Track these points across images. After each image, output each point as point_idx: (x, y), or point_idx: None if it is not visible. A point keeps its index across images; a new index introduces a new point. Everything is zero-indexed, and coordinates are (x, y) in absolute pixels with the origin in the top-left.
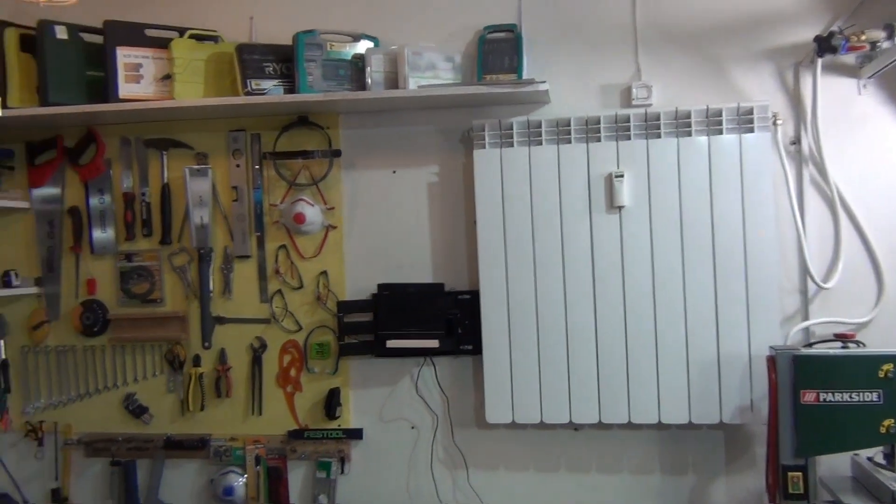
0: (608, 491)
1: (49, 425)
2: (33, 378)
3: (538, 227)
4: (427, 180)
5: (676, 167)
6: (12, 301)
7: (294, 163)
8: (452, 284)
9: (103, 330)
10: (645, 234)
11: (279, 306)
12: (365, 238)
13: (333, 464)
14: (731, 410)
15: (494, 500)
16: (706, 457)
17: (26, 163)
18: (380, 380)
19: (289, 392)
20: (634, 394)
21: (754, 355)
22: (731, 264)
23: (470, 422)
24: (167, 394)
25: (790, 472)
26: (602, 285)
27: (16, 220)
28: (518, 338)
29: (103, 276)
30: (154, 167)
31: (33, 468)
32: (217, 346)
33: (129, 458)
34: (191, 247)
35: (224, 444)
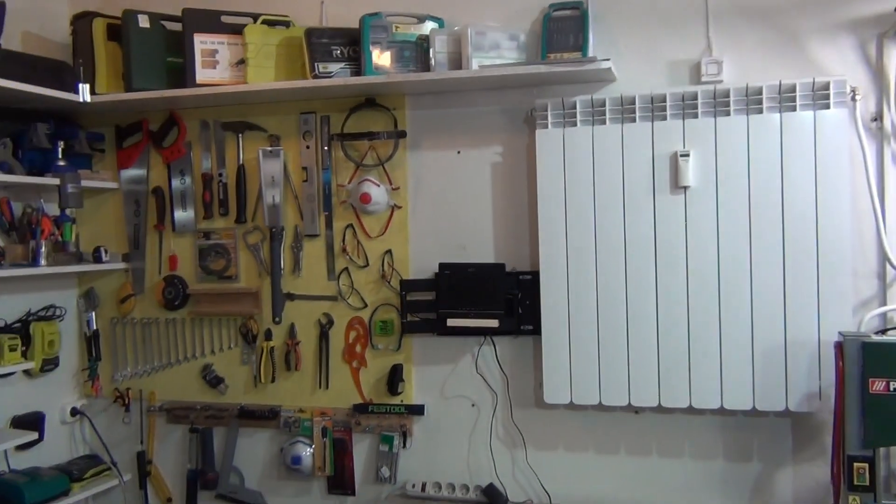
0: (669, 475)
1: (135, 392)
2: (121, 348)
3: (600, 207)
4: (491, 161)
5: (746, 146)
6: (103, 275)
7: (361, 144)
8: (514, 265)
9: (183, 304)
10: (710, 215)
11: (346, 284)
12: (429, 218)
13: (396, 438)
14: (797, 398)
15: (552, 479)
16: (772, 445)
17: (115, 146)
18: (441, 357)
19: (354, 367)
20: (696, 378)
21: (824, 341)
22: (801, 247)
23: (529, 401)
24: (241, 365)
25: (856, 463)
26: (664, 267)
27: (106, 199)
28: (578, 319)
29: (184, 253)
30: (230, 149)
31: (121, 432)
32: (287, 322)
33: (206, 425)
34: (263, 225)
35: (293, 416)
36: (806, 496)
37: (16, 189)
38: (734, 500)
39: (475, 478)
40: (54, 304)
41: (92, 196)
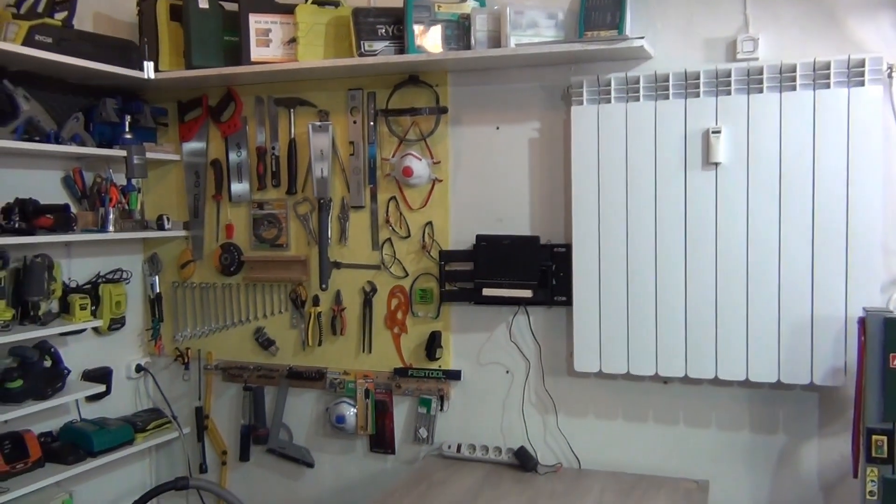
0: (696, 444)
1: (194, 352)
2: (181, 310)
3: (632, 182)
4: (528, 136)
5: (778, 123)
6: (165, 242)
7: (404, 119)
8: (549, 237)
9: (238, 270)
10: (741, 191)
11: (388, 253)
12: (468, 191)
13: (433, 401)
14: (823, 372)
15: (582, 444)
16: (798, 418)
17: (177, 120)
18: (478, 325)
19: (395, 333)
20: (722, 350)
21: (851, 317)
22: (831, 223)
23: (561, 369)
24: (290, 329)
25: (875, 436)
26: (694, 241)
27: (168, 170)
28: (608, 291)
29: (239, 222)
30: (283, 124)
31: (181, 388)
32: (333, 289)
33: (258, 384)
34: (312, 197)
35: (338, 377)
36: (831, 469)
37: (87, 160)
38: (759, 471)
39: (508, 441)
40: (121, 267)
41: (155, 167)
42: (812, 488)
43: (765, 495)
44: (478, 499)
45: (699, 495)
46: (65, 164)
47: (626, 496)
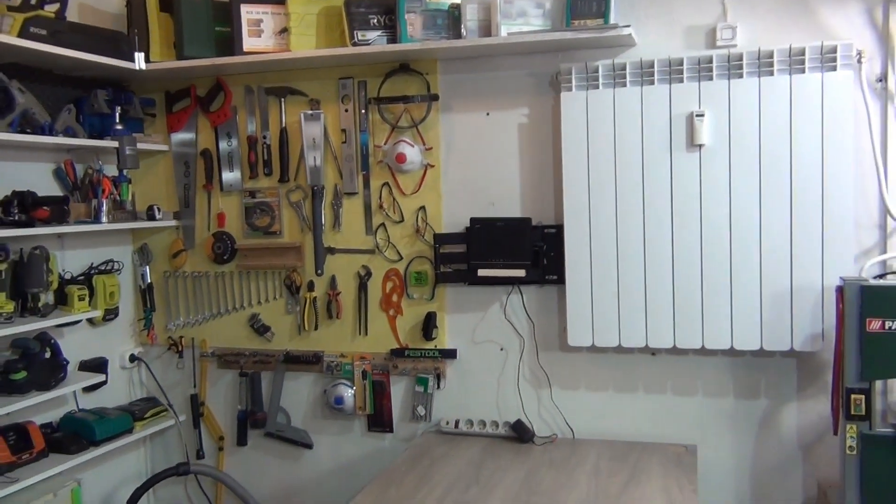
0: (684, 411)
1: (187, 340)
2: (173, 299)
3: (620, 164)
4: (518, 122)
5: (757, 106)
6: (156, 232)
7: (396, 107)
8: (539, 219)
9: (231, 258)
10: (724, 171)
11: (382, 238)
12: (460, 176)
13: (430, 379)
14: (802, 338)
15: (575, 416)
16: (778, 382)
17: (165, 110)
18: (472, 306)
19: (391, 315)
20: (708, 321)
21: (827, 287)
22: (807, 200)
23: (554, 345)
24: (286, 315)
25: (853, 395)
26: (680, 219)
27: (157, 161)
28: (599, 268)
29: (231, 211)
30: (273, 113)
31: (175, 376)
32: (328, 274)
33: (254, 369)
34: (305, 184)
35: (335, 360)
36: (809, 429)
37: (78, 151)
38: (743, 434)
39: (504, 415)
40: (113, 258)
41: (144, 158)
42: (792, 447)
43: (749, 456)
44: (481, 470)
45: (689, 458)
46: (56, 156)
47: (621, 462)
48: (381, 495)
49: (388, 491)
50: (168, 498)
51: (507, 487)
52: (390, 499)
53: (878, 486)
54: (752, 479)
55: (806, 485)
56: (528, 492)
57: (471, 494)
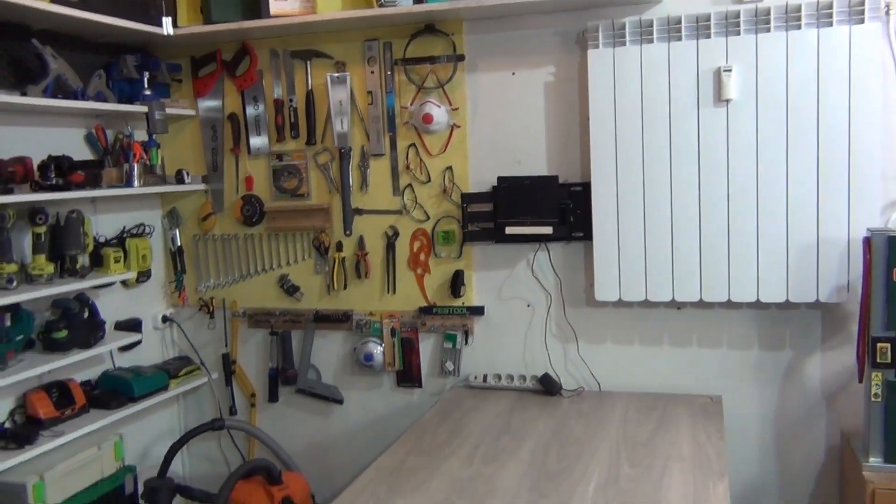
0: (709, 364)
1: (218, 301)
2: (203, 262)
3: (647, 121)
4: (544, 80)
5: (785, 60)
6: (185, 196)
7: (422, 67)
8: (566, 176)
9: (260, 220)
10: (751, 125)
11: (409, 199)
12: (486, 135)
13: (458, 336)
14: (828, 290)
15: (601, 369)
16: (803, 334)
17: (191, 75)
18: (499, 263)
19: (419, 274)
20: (735, 274)
21: (853, 238)
22: (834, 153)
23: (580, 300)
24: (315, 275)
25: (879, 344)
26: (707, 174)
27: (184, 126)
28: (626, 224)
29: (259, 174)
30: (299, 76)
31: (207, 336)
32: (356, 234)
33: (284, 328)
34: (332, 146)
35: (364, 318)
36: (832, 379)
37: (107, 117)
38: (767, 385)
39: (531, 370)
40: (143, 222)
41: (172, 123)
42: (815, 397)
43: (773, 405)
44: (511, 421)
45: (714, 408)
46: (87, 121)
47: (648, 412)
48: (416, 444)
49: (423, 440)
50: (202, 452)
51: (538, 436)
52: (425, 447)
53: None
54: (776, 427)
55: (829, 433)
56: (559, 440)
57: (504, 442)
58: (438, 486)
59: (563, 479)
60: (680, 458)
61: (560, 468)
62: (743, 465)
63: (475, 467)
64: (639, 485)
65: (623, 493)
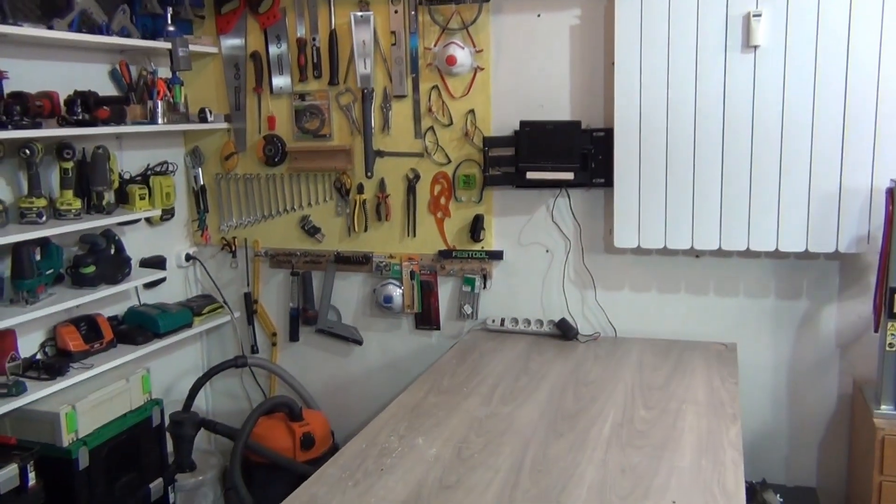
0: (725, 311)
1: (240, 241)
2: (226, 201)
3: (673, 67)
4: (569, 23)
5: (816, 6)
6: (207, 135)
7: (447, 8)
8: (588, 122)
9: (282, 160)
10: (778, 72)
11: (431, 141)
12: (510, 78)
13: (477, 280)
14: (847, 240)
15: (618, 316)
16: (820, 284)
17: (215, 12)
18: (519, 208)
19: (439, 218)
20: (755, 223)
21: (876, 188)
22: (861, 103)
23: (599, 247)
24: (336, 217)
25: None
26: (731, 122)
27: (207, 64)
28: (647, 171)
29: (281, 114)
30: (323, 15)
31: (229, 275)
32: (377, 177)
33: (305, 269)
34: (355, 87)
35: (384, 261)
36: (847, 329)
37: (131, 53)
38: (782, 333)
39: (548, 314)
40: (167, 160)
41: (195, 60)
42: (830, 346)
43: (787, 353)
44: (528, 363)
45: (729, 355)
46: (111, 57)
47: (664, 357)
48: (436, 383)
49: (442, 380)
50: (224, 389)
51: (555, 377)
52: (445, 386)
53: None
54: (789, 375)
55: (841, 381)
56: (575, 382)
57: (522, 383)
58: (458, 424)
59: (579, 419)
60: (694, 401)
61: (576, 409)
62: (755, 410)
63: (493, 407)
64: (653, 426)
65: (638, 433)
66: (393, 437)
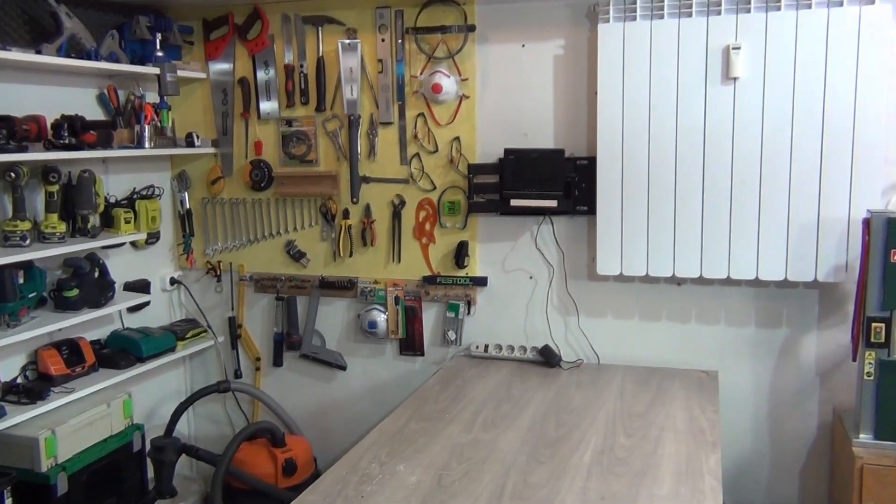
0: (706, 339)
1: (225, 265)
2: (212, 225)
3: (655, 97)
4: (553, 53)
5: (794, 39)
6: (194, 159)
7: (433, 37)
8: (572, 150)
9: (268, 185)
10: (757, 104)
11: (417, 168)
12: (494, 107)
13: (461, 306)
14: (826, 270)
15: (601, 342)
16: (800, 312)
17: (203, 38)
18: (503, 235)
19: (424, 243)
20: (735, 252)
21: (853, 219)
22: (839, 134)
23: (582, 274)
24: (321, 241)
25: (874, 323)
26: (712, 152)
27: (195, 89)
28: (630, 199)
29: (268, 139)
30: (311, 42)
31: (213, 299)
32: (363, 202)
33: (290, 294)
34: (342, 113)
35: (369, 286)
36: (827, 357)
37: (119, 77)
38: (763, 361)
39: (532, 341)
40: (153, 184)
41: (183, 85)
42: (810, 374)
43: (767, 381)
44: (511, 390)
45: (710, 383)
46: (99, 81)
47: (645, 384)
48: (418, 410)
49: (425, 406)
50: (207, 413)
51: (538, 405)
52: (427, 413)
53: (892, 409)
54: (770, 403)
55: (821, 410)
56: (557, 409)
57: (504, 409)
58: (439, 450)
59: (560, 446)
60: (675, 429)
61: (558, 436)
62: (736, 438)
63: (475, 433)
64: (634, 454)
65: (618, 461)
66: (374, 463)
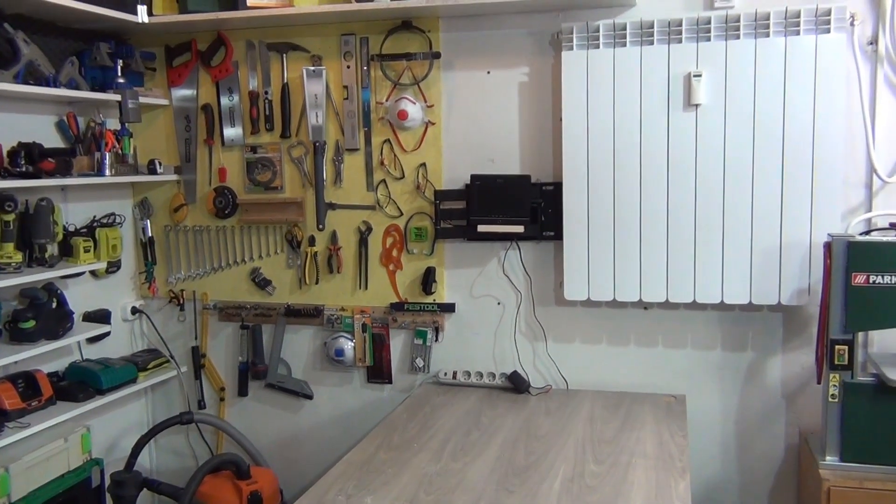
0: (673, 363)
1: (189, 293)
2: (174, 253)
3: (619, 123)
4: (518, 80)
5: (753, 67)
6: (156, 186)
7: (398, 64)
8: (538, 176)
9: (233, 212)
10: (719, 130)
11: (383, 194)
12: (460, 133)
13: (429, 332)
14: (789, 293)
15: (569, 368)
16: (765, 336)
17: (166, 64)
18: (470, 261)
19: (391, 270)
20: (700, 276)
21: (815, 243)
22: (798, 159)
23: (549, 299)
24: (287, 269)
25: (837, 346)
26: (675, 177)
27: (157, 115)
28: (596, 225)
29: (232, 166)
30: (275, 68)
31: (176, 329)
32: (329, 229)
33: (255, 322)
34: (307, 140)
35: (335, 313)
36: (792, 379)
37: (80, 104)
38: (729, 384)
39: (500, 367)
40: (114, 212)
41: (145, 112)
42: (776, 397)
43: (735, 405)
44: (480, 417)
45: (678, 407)
46: (58, 108)
47: (614, 410)
48: (386, 439)
49: (393, 435)
50: (170, 446)
51: (507, 432)
52: (395, 442)
53: (857, 431)
54: (737, 426)
55: (788, 432)
56: (527, 436)
57: (473, 437)
58: (407, 481)
59: (529, 474)
60: (644, 455)
61: (527, 464)
62: (705, 462)
63: (444, 463)
64: (603, 481)
65: (588, 489)
66: (341, 496)
